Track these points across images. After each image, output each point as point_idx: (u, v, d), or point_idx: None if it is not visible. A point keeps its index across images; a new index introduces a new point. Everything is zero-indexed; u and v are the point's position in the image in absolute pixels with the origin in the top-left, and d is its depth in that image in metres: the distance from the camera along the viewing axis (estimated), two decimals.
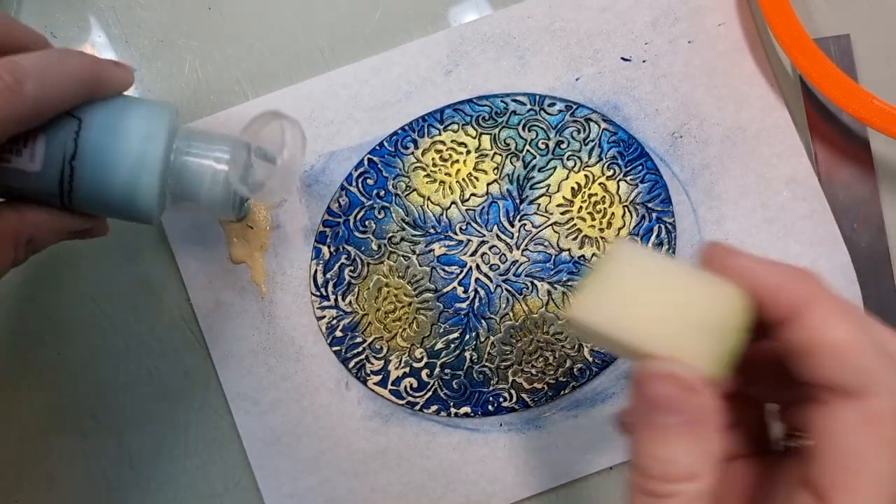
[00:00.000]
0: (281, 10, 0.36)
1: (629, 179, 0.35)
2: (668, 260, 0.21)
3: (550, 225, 0.34)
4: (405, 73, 0.35)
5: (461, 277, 0.34)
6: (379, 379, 0.34)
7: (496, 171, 0.35)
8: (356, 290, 0.34)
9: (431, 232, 0.34)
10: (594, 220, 0.34)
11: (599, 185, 0.35)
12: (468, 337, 0.34)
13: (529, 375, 0.34)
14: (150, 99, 0.34)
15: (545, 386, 0.34)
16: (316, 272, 0.34)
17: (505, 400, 0.34)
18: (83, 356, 0.35)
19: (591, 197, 0.35)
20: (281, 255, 0.35)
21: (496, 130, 0.35)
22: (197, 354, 0.35)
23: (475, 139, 0.35)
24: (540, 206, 0.34)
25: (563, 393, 0.34)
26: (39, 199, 0.27)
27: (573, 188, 0.35)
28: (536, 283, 0.34)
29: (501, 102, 0.35)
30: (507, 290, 0.34)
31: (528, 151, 0.35)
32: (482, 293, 0.34)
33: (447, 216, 0.34)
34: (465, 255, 0.34)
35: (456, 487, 0.34)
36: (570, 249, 0.34)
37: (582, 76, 0.35)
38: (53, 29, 0.36)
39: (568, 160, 0.35)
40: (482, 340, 0.34)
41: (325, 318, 0.34)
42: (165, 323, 0.35)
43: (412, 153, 0.35)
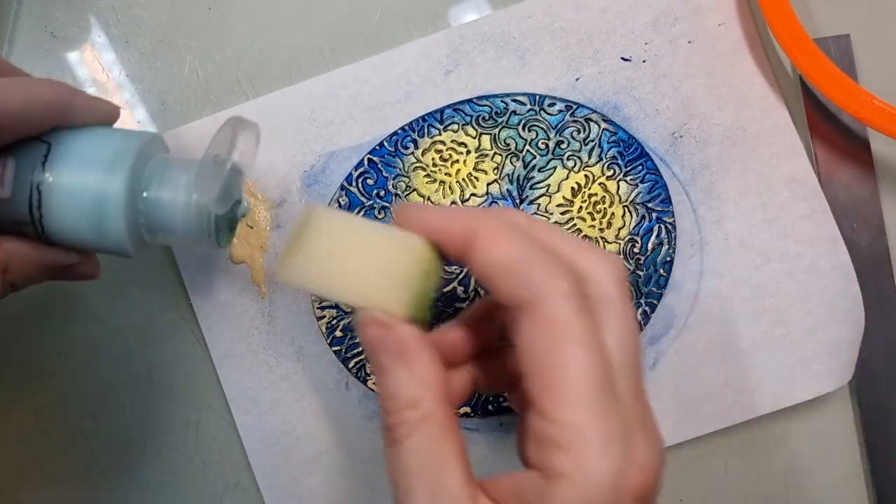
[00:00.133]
0: (281, 10, 0.36)
1: (629, 179, 0.35)
2: (360, 220, 0.24)
3: None
4: (405, 73, 0.35)
5: (461, 277, 0.34)
6: None
7: (496, 171, 0.35)
8: None
9: None
10: (594, 220, 0.34)
11: (599, 185, 0.35)
12: None
13: None
14: (137, 130, 0.33)
15: None
16: None
17: (504, 400, 0.34)
18: (83, 356, 0.35)
19: (591, 197, 0.35)
20: (281, 255, 0.35)
21: (496, 130, 0.35)
22: (197, 354, 0.35)
23: (475, 139, 0.35)
24: (540, 206, 0.34)
25: None
26: (14, 228, 0.25)
27: (573, 188, 0.35)
28: None
29: (501, 102, 0.35)
30: None
31: (528, 151, 0.35)
32: (482, 293, 0.34)
33: None
34: None
35: None
36: None
37: (582, 76, 0.35)
38: (53, 29, 0.36)
39: (568, 160, 0.35)
40: None
41: (325, 318, 0.34)
42: (165, 323, 0.35)
43: (412, 153, 0.35)
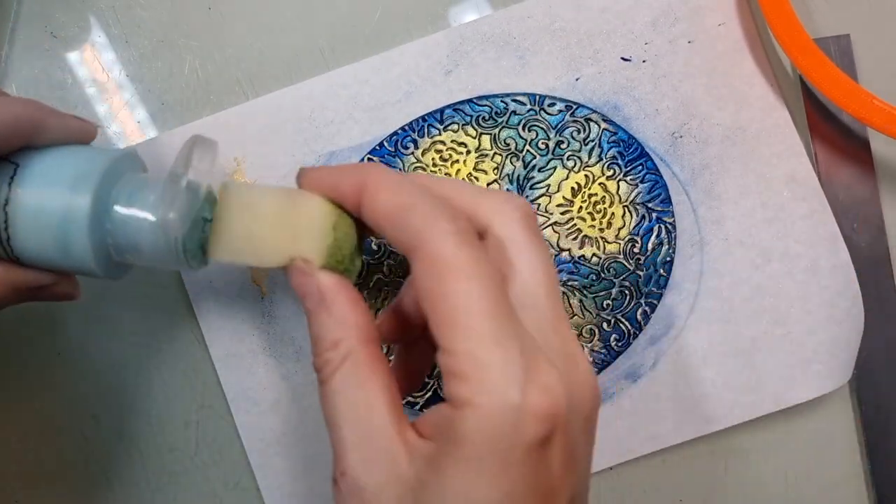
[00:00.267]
0: (281, 10, 0.36)
1: (629, 179, 0.35)
2: (268, 190, 0.26)
3: (550, 225, 0.34)
4: (405, 73, 0.35)
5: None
6: None
7: (496, 171, 0.35)
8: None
9: None
10: (594, 220, 0.34)
11: (599, 185, 0.35)
12: None
13: None
14: (110, 148, 0.31)
15: None
16: None
17: None
18: (83, 356, 0.35)
19: (591, 197, 0.35)
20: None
21: (496, 130, 0.35)
22: (197, 355, 0.35)
23: (475, 139, 0.35)
24: (540, 206, 0.34)
25: None
26: None
27: (573, 188, 0.35)
28: None
29: (501, 102, 0.35)
30: None
31: (528, 151, 0.35)
32: None
33: None
34: None
35: None
36: (570, 249, 0.34)
37: (582, 76, 0.35)
38: (53, 29, 0.36)
39: (568, 160, 0.35)
40: None
41: None
42: (165, 323, 0.35)
43: (412, 153, 0.35)
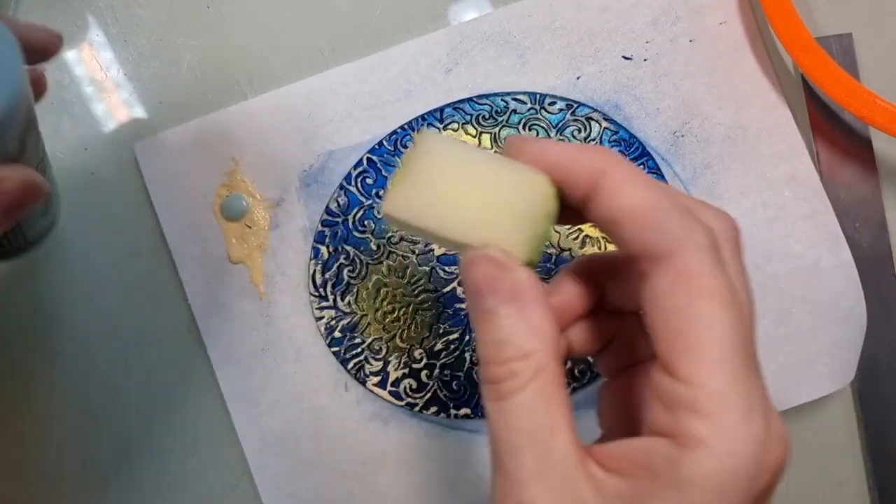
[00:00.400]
0: (280, 9, 0.36)
1: None
2: (475, 149, 0.21)
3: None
4: (405, 71, 0.35)
5: (461, 277, 0.34)
6: (378, 380, 0.34)
7: None
8: (355, 290, 0.34)
9: None
10: None
11: None
12: (468, 338, 0.34)
13: None
14: None
15: None
16: (315, 272, 0.34)
17: None
18: (82, 357, 0.35)
19: None
20: (280, 255, 0.34)
21: (496, 129, 0.35)
22: (195, 355, 0.35)
23: (475, 138, 0.35)
24: None
25: None
26: None
27: None
28: None
29: (502, 101, 0.35)
30: None
31: None
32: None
33: None
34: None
35: (456, 489, 0.34)
36: (570, 249, 0.34)
37: (583, 75, 0.35)
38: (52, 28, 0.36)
39: None
40: None
41: (323, 318, 0.34)
42: (163, 324, 0.35)
43: None
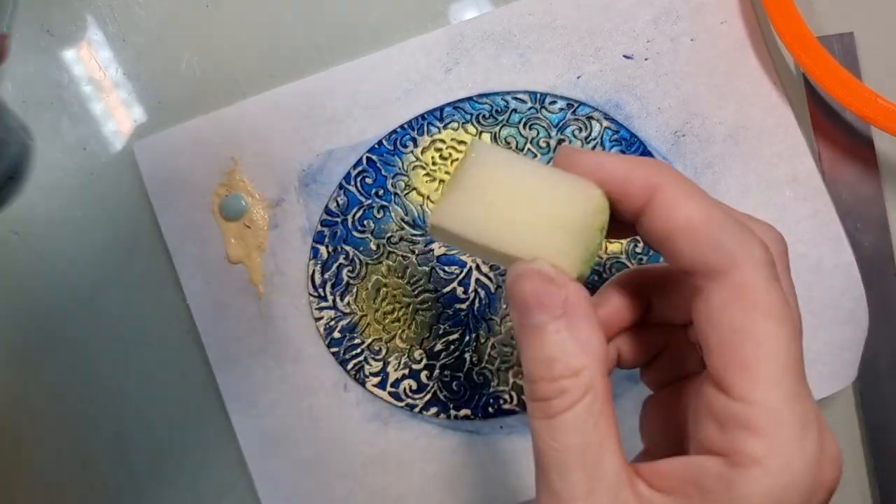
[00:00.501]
0: (279, 7, 0.36)
1: None
2: (527, 160, 0.21)
3: None
4: (405, 70, 0.35)
5: (461, 278, 0.34)
6: (378, 380, 0.34)
7: None
8: (355, 290, 0.34)
9: None
10: None
11: None
12: (468, 338, 0.34)
13: None
14: None
15: None
16: (314, 272, 0.34)
17: (505, 402, 0.34)
18: (80, 358, 0.35)
19: None
20: (279, 255, 0.34)
21: (497, 129, 0.34)
22: (194, 356, 0.35)
23: (475, 138, 0.34)
24: None
25: None
26: None
27: None
28: None
29: (502, 100, 0.34)
30: None
31: (529, 150, 0.34)
32: (482, 294, 0.34)
33: None
34: (465, 255, 0.34)
35: (456, 490, 0.34)
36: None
37: (583, 74, 0.35)
38: (50, 27, 0.36)
39: None
40: (482, 342, 0.34)
41: (323, 318, 0.34)
42: (162, 324, 0.35)
43: (411, 151, 0.34)
